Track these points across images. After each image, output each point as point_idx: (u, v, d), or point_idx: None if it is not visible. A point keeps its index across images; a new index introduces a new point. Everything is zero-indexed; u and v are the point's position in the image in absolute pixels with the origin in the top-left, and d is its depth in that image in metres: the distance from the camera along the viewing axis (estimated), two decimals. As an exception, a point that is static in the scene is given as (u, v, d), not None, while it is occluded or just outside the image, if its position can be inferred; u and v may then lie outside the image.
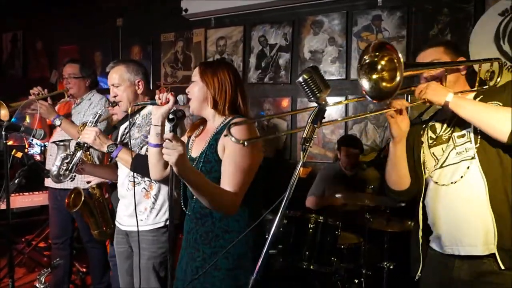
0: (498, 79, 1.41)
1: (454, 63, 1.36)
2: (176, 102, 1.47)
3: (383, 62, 1.18)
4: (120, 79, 1.81)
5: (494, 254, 1.23)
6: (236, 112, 1.48)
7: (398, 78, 1.13)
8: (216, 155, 1.39)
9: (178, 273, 1.53)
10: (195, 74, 1.50)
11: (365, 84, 1.20)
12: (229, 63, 1.62)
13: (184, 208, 1.53)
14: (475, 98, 1.35)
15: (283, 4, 3.27)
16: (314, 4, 3.20)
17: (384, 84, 1.19)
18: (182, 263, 1.52)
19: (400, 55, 1.12)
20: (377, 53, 1.18)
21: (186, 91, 1.52)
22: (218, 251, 1.38)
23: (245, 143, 1.07)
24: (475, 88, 1.38)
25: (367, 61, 1.19)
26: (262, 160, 1.47)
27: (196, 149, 1.51)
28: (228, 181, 1.32)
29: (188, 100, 1.49)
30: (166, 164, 1.58)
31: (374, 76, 1.19)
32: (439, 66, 1.34)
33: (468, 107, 1.24)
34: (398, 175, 1.44)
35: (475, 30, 2.57)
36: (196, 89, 1.47)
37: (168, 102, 1.46)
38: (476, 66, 1.44)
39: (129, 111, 1.71)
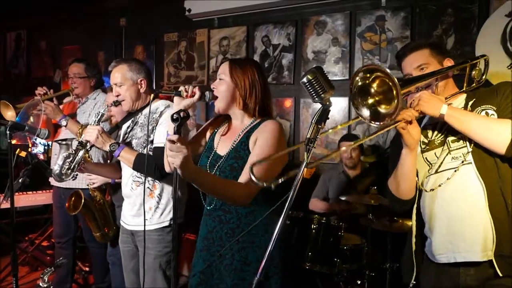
0: (483, 77, 1.40)
1: (445, 70, 1.34)
2: (201, 97, 1.42)
3: (374, 85, 1.15)
4: (122, 78, 1.80)
5: (491, 260, 1.21)
6: (264, 114, 1.46)
7: (396, 100, 1.09)
8: (248, 151, 1.38)
9: (193, 282, 1.47)
10: (224, 72, 1.44)
11: (365, 112, 1.16)
12: (256, 62, 1.55)
13: (204, 203, 1.50)
14: (467, 101, 1.34)
15: (287, 4, 3.27)
16: (317, 5, 3.20)
17: (383, 106, 1.15)
18: (198, 267, 1.47)
19: (392, 76, 1.09)
20: (367, 75, 1.14)
21: (212, 87, 1.46)
22: (246, 246, 1.39)
23: (272, 186, 1.00)
24: (464, 89, 1.37)
25: (359, 83, 1.15)
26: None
27: (223, 147, 1.47)
28: (248, 172, 1.30)
29: (214, 97, 1.43)
30: None
31: (370, 101, 1.15)
32: (432, 77, 1.32)
33: (464, 119, 1.23)
34: (408, 185, 1.39)
35: (482, 32, 2.54)
36: (225, 88, 1.43)
37: (193, 95, 1.41)
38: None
39: (150, 99, 1.60)
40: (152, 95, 1.54)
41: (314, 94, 1.06)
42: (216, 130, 1.55)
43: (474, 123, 1.22)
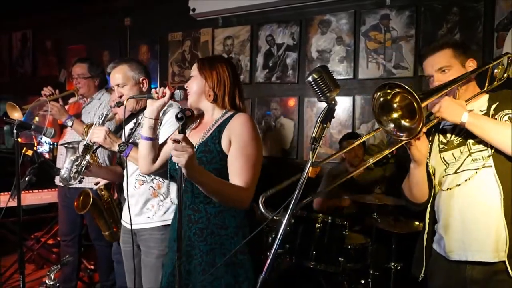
0: (505, 75, 1.39)
1: (467, 76, 1.33)
2: (172, 96, 1.49)
3: (396, 100, 1.17)
4: (124, 78, 1.78)
5: (504, 262, 1.23)
6: (235, 107, 1.48)
7: (418, 115, 1.12)
8: (219, 146, 1.38)
9: (162, 284, 1.49)
10: (194, 69, 1.51)
11: (390, 126, 1.19)
12: (227, 59, 1.60)
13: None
14: (490, 104, 1.33)
15: (291, 4, 3.26)
16: (321, 4, 3.19)
17: (406, 120, 1.18)
18: (168, 268, 1.47)
19: (412, 92, 1.10)
20: (388, 91, 1.17)
21: (185, 86, 1.52)
22: (215, 248, 1.38)
23: (271, 215, 1.07)
24: (485, 90, 1.36)
25: (381, 100, 1.18)
26: (269, 159, 1.47)
27: (192, 141, 1.47)
28: (240, 176, 1.33)
29: (186, 95, 1.50)
30: (155, 158, 1.57)
31: (394, 115, 1.18)
32: (453, 84, 1.30)
33: (485, 127, 1.23)
34: (420, 192, 1.43)
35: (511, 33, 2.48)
36: (195, 83, 1.49)
37: (164, 96, 1.49)
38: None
39: (125, 103, 1.65)
40: (125, 101, 1.60)
41: (319, 93, 1.07)
42: (188, 126, 1.58)
43: (495, 131, 1.23)
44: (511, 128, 1.21)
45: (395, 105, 1.18)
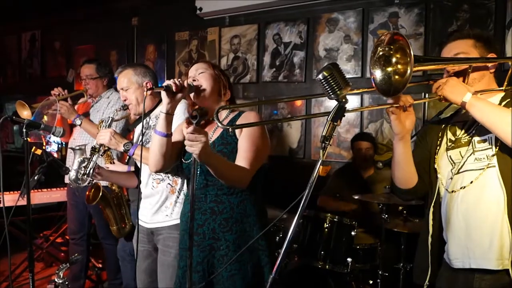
0: None
1: (482, 60, 1.26)
2: (190, 90, 1.46)
3: (398, 55, 1.13)
4: (128, 82, 1.85)
5: (508, 270, 1.17)
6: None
7: (407, 73, 1.08)
8: (235, 137, 1.48)
9: (183, 280, 1.50)
10: (203, 67, 1.54)
11: (378, 74, 1.15)
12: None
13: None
14: (501, 102, 1.26)
15: (298, 2, 3.25)
16: (329, 2, 3.17)
17: (396, 77, 1.13)
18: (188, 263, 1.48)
19: (411, 49, 1.07)
20: (391, 46, 1.13)
21: (192, 80, 1.51)
22: (240, 236, 1.46)
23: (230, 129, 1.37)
24: (503, 88, 1.27)
25: (381, 53, 1.14)
26: (276, 158, 1.50)
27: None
28: (244, 156, 1.42)
29: (198, 88, 1.50)
30: (168, 154, 1.51)
31: (389, 69, 1.14)
32: (456, 62, 1.24)
33: (485, 109, 1.14)
34: (403, 174, 1.36)
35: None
36: (210, 81, 1.52)
37: (184, 88, 1.43)
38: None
39: (146, 94, 1.53)
40: (146, 93, 1.52)
41: (330, 91, 1.05)
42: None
43: (494, 114, 1.14)
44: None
45: (394, 60, 1.13)
